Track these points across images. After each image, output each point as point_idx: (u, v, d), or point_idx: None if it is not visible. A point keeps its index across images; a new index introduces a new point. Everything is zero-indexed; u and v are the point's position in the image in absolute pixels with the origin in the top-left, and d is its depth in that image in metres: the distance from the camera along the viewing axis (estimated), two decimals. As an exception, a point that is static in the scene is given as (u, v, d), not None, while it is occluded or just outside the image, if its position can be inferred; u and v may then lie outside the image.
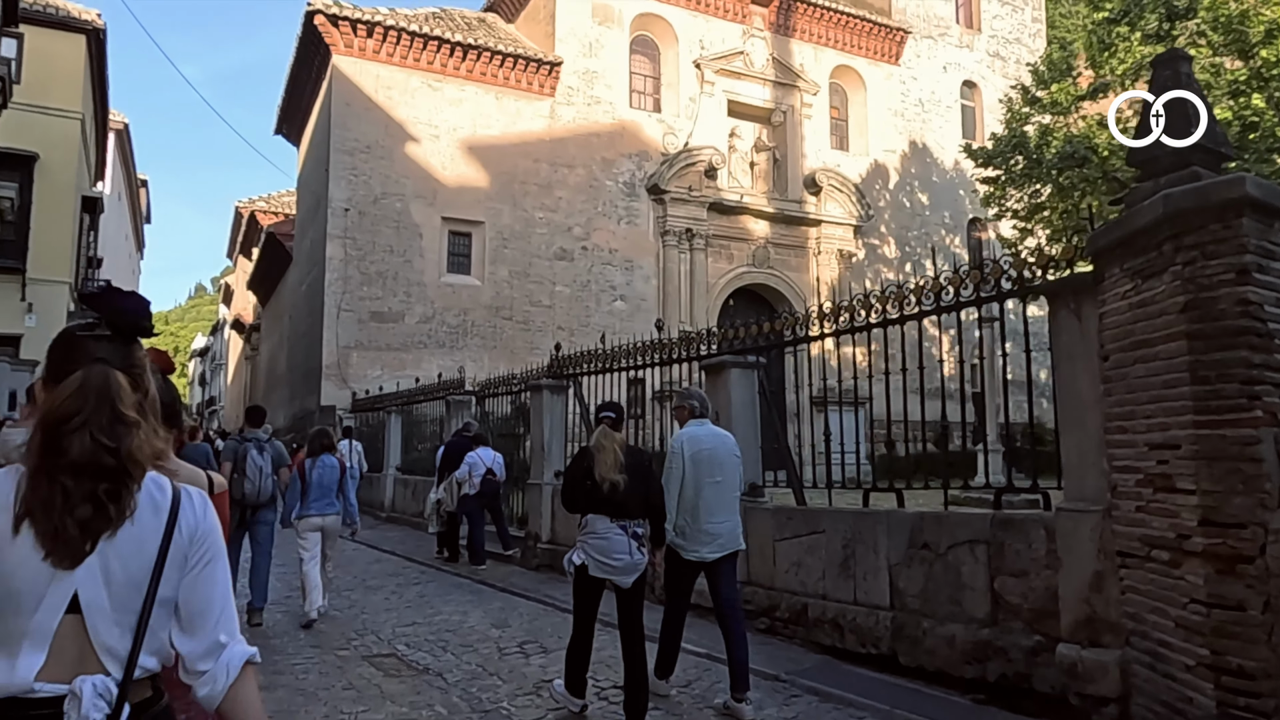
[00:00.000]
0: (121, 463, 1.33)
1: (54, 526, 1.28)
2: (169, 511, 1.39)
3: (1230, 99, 14.01)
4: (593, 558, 4.64)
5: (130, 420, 1.36)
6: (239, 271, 43.49)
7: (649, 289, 20.90)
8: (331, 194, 18.11)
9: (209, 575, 1.43)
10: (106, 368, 1.38)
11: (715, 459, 5.12)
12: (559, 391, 10.16)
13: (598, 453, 4.73)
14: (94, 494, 1.30)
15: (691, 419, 5.36)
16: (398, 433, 15.07)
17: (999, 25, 26.47)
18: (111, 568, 1.32)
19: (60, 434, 1.32)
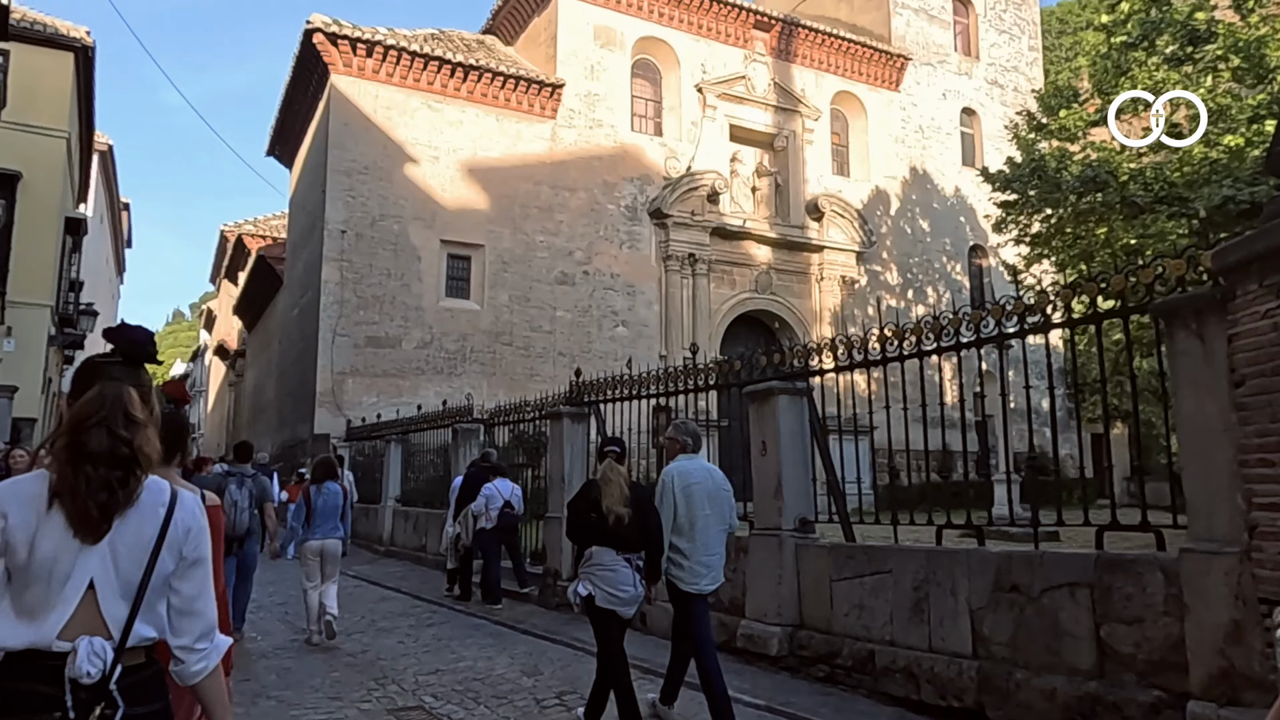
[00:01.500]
0: (133, 453, 1.65)
1: (80, 507, 1.59)
2: (166, 507, 1.71)
3: (1247, 125, 13.89)
4: (601, 589, 4.73)
5: (139, 420, 1.69)
6: (223, 296, 42.69)
7: (651, 314, 20.48)
8: (328, 216, 17.60)
9: (202, 570, 1.75)
10: (120, 382, 1.72)
11: (706, 493, 5.19)
12: (580, 419, 9.65)
13: (605, 485, 4.83)
14: (109, 480, 1.61)
15: (682, 453, 5.41)
16: (398, 462, 14.46)
17: (997, 53, 26.54)
18: (118, 552, 1.63)
19: (82, 430, 1.64)
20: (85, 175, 24.37)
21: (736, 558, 7.30)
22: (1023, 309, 5.34)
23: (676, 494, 5.12)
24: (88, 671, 1.55)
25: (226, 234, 36.14)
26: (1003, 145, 25.79)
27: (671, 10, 21.37)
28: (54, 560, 1.59)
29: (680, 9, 21.44)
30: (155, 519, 1.70)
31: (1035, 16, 27.69)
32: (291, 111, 21.05)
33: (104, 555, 1.63)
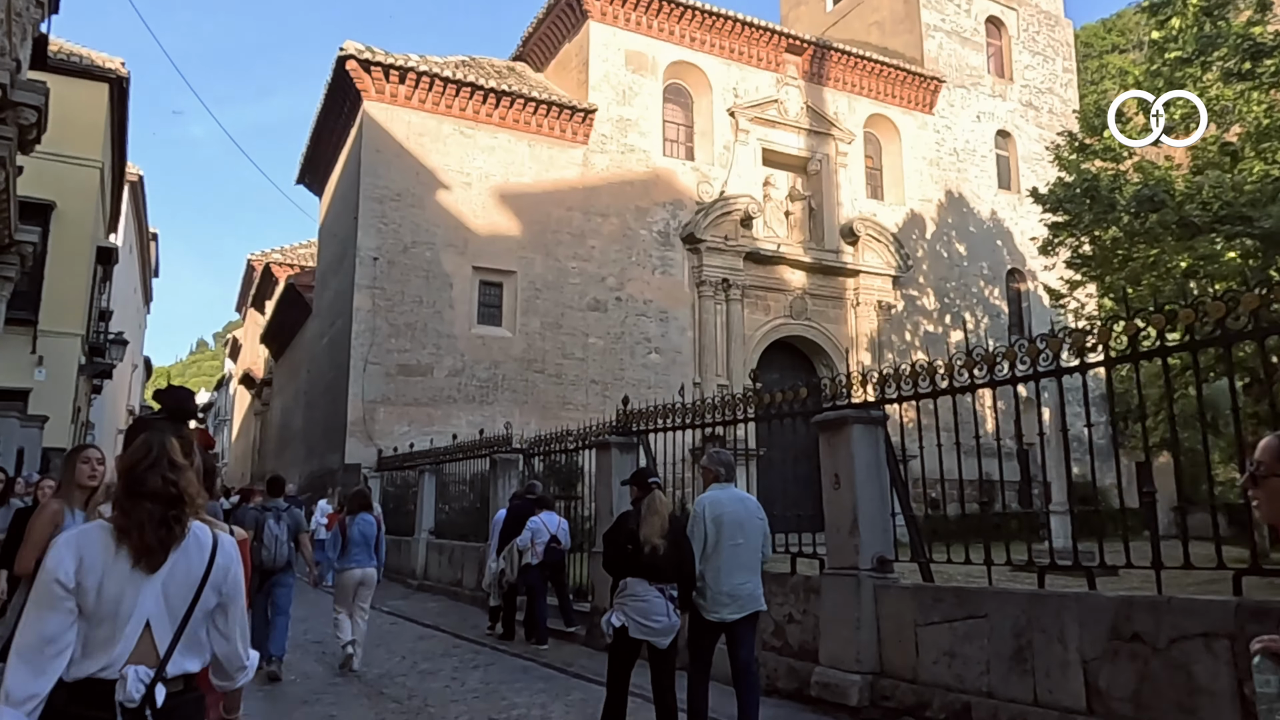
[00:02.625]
0: (181, 494, 1.94)
1: (144, 540, 1.87)
2: (210, 549, 1.99)
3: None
4: (634, 620, 4.78)
5: (182, 465, 1.99)
6: (249, 325, 42.78)
7: (684, 341, 20.10)
8: (360, 243, 17.42)
9: (237, 607, 2.04)
10: (162, 433, 2.03)
11: (737, 521, 5.22)
12: (629, 449, 9.23)
13: (650, 516, 4.89)
14: (166, 517, 1.91)
15: (715, 483, 5.45)
16: (432, 493, 14.08)
17: (1030, 75, 26.19)
18: (169, 590, 1.90)
19: (137, 473, 1.94)
20: (116, 205, 24.44)
21: (806, 599, 6.85)
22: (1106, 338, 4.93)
23: (708, 523, 5.15)
24: (133, 696, 1.80)
25: (254, 263, 36.24)
26: (1039, 168, 25.39)
27: (703, 35, 21.22)
28: (119, 600, 1.83)
29: (711, 33, 21.28)
30: (201, 560, 1.95)
31: (1069, 38, 27.36)
32: (322, 139, 20.99)
33: (158, 593, 1.88)
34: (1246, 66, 12.87)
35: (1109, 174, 14.45)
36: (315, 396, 21.41)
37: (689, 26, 21.03)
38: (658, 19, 20.69)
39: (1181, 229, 13.73)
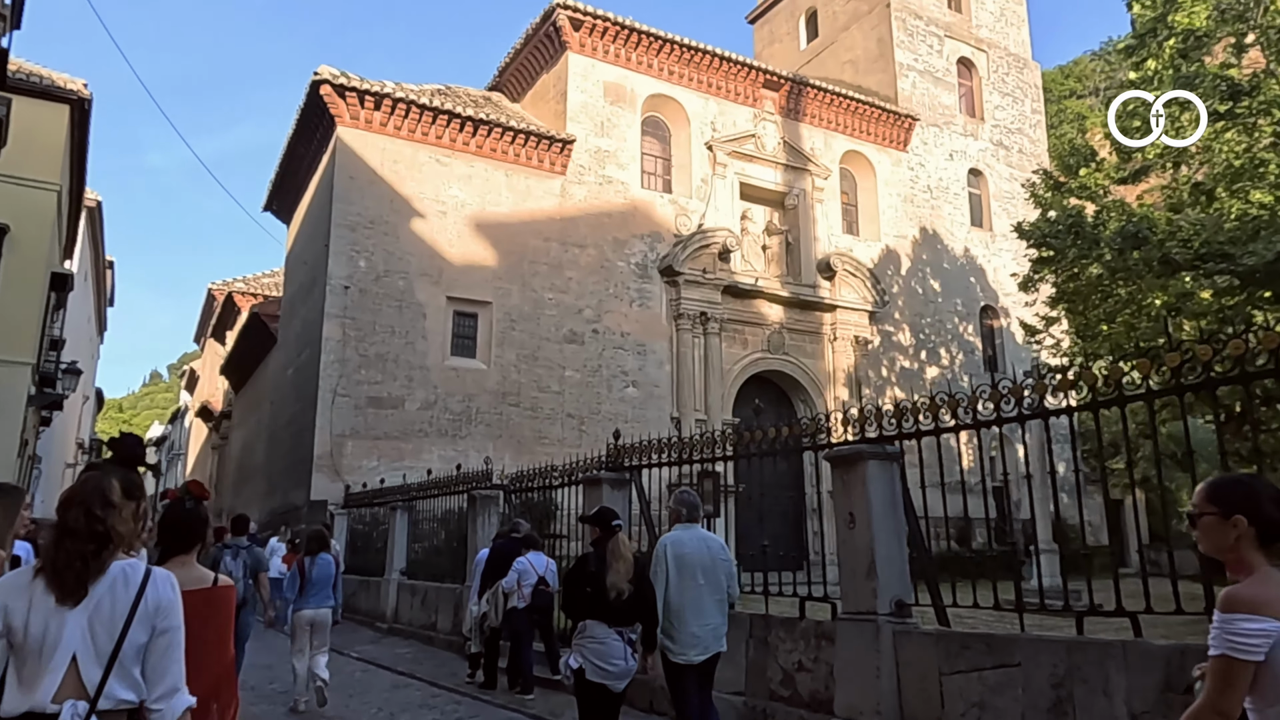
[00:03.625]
0: (106, 532, 2.05)
1: (59, 574, 1.99)
2: (140, 585, 2.05)
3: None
4: (591, 662, 4.74)
5: (115, 504, 2.10)
6: (208, 356, 41.65)
7: (662, 375, 19.78)
8: (331, 271, 16.90)
9: (171, 639, 2.06)
10: (102, 473, 2.17)
11: (698, 562, 5.22)
12: (620, 486, 8.82)
13: (615, 561, 4.84)
14: (84, 553, 2.01)
15: (678, 523, 5.46)
16: (404, 531, 13.47)
17: (1001, 115, 26.61)
18: (95, 627, 1.98)
19: (63, 511, 2.08)
20: (73, 231, 23.61)
21: (818, 645, 6.47)
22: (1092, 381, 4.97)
23: (669, 564, 5.15)
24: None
25: (215, 292, 35.31)
26: (1010, 206, 25.70)
27: (681, 68, 21.20)
28: (43, 634, 1.93)
29: (690, 67, 21.28)
30: (128, 595, 2.02)
31: (1037, 80, 27.92)
32: (293, 165, 20.50)
33: (84, 629, 1.96)
34: (1225, 107, 13.03)
35: (1093, 210, 14.51)
36: (279, 430, 20.66)
37: (667, 60, 21.01)
38: (636, 52, 20.65)
39: (1162, 266, 13.77)
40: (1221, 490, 2.27)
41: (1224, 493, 2.26)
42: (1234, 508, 2.21)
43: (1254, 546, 2.18)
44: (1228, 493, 2.25)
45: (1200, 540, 2.28)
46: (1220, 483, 2.30)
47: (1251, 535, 2.17)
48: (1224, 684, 2.03)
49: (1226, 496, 2.24)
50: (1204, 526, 2.25)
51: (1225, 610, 2.08)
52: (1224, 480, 2.32)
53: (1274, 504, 2.20)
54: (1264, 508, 2.19)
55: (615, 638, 4.77)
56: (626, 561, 4.86)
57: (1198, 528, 2.26)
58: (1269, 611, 2.04)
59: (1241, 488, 2.26)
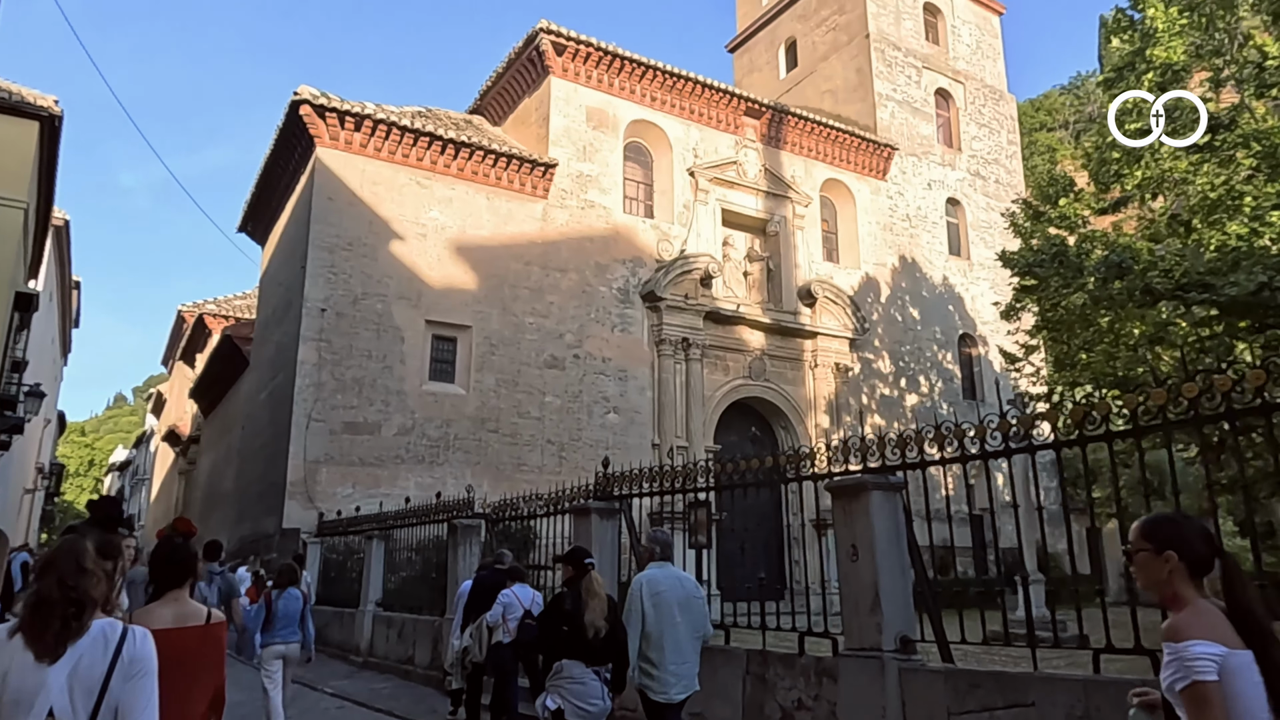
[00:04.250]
0: (81, 597, 2.15)
1: (36, 634, 2.08)
2: (116, 642, 2.16)
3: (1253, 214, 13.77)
4: (570, 703, 4.72)
5: (88, 569, 2.20)
6: (176, 379, 40.80)
7: (643, 400, 19.57)
8: (307, 293, 16.56)
9: (142, 684, 2.17)
10: (77, 536, 2.29)
11: (675, 600, 5.23)
12: (609, 516, 8.59)
13: (591, 599, 4.87)
14: (65, 615, 2.11)
15: (652, 561, 5.47)
16: (380, 561, 13.07)
17: (978, 146, 26.93)
18: (74, 687, 2.06)
19: (40, 579, 2.18)
20: (39, 249, 23.02)
21: (818, 683, 6.24)
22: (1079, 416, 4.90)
23: (645, 603, 5.14)
24: None
25: (185, 314, 34.63)
26: (987, 235, 25.94)
27: (664, 95, 21.23)
28: (20, 690, 2.03)
29: (672, 94, 21.31)
30: (106, 654, 2.14)
31: (1012, 112, 28.33)
32: (270, 185, 20.17)
33: (63, 686, 2.06)
34: (1205, 139, 13.18)
35: (1077, 238, 14.62)
36: (250, 455, 20.14)
37: (650, 86, 21.03)
38: (619, 77, 20.64)
39: (1144, 295, 13.84)
40: (1154, 528, 2.41)
41: (1156, 530, 2.40)
42: (1166, 544, 2.35)
43: (1185, 580, 2.32)
44: (1159, 530, 2.39)
45: (1137, 575, 2.44)
46: (1153, 521, 2.45)
47: (1183, 569, 2.31)
48: (1205, 708, 2.08)
49: (1158, 534, 2.38)
50: (1140, 562, 2.41)
51: (1174, 640, 2.20)
52: (1156, 518, 2.46)
53: (1201, 540, 2.35)
54: (1193, 544, 2.34)
55: (593, 677, 4.79)
56: (601, 600, 4.90)
57: (1134, 563, 2.43)
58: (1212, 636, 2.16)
59: (1172, 526, 2.41)
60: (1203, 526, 2.43)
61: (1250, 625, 2.20)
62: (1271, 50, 12.34)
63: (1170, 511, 2.72)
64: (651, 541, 5.64)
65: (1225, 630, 2.18)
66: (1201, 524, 2.45)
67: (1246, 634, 2.18)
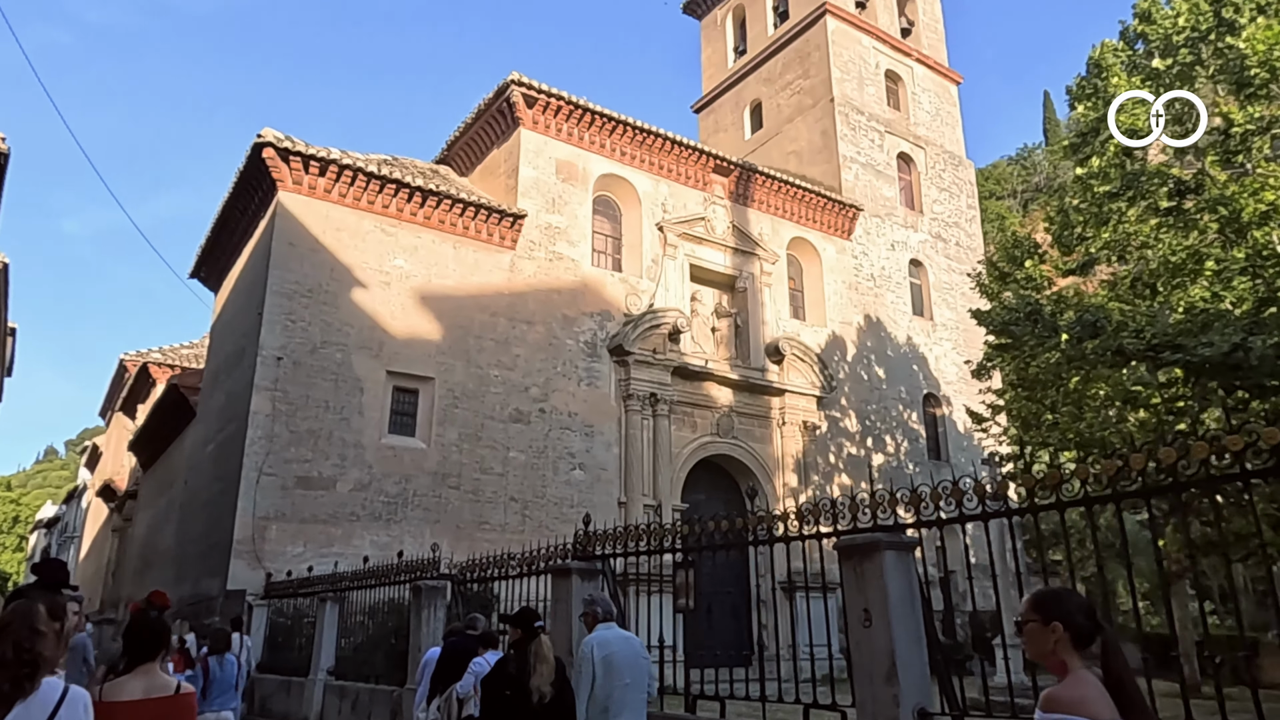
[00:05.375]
0: (34, 658, 2.28)
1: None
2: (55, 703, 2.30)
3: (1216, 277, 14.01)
4: None
5: (42, 631, 2.33)
6: (114, 431, 39.06)
7: (610, 457, 19.05)
8: (263, 341, 15.87)
9: None
10: (29, 600, 2.43)
11: (624, 662, 5.23)
12: (590, 576, 8.04)
13: (539, 664, 4.87)
14: (17, 675, 2.25)
15: (598, 624, 5.45)
16: (333, 626, 12.24)
17: (939, 209, 27.41)
18: None
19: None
20: (-24, 292, 21.95)
21: (829, 761, 5.77)
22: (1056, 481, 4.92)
23: (596, 665, 5.12)
24: None
25: (128, 363, 33.29)
26: (949, 297, 26.23)
27: (633, 150, 21.22)
28: None
29: (642, 149, 21.32)
30: (44, 713, 2.29)
31: (971, 177, 28.99)
32: (226, 230, 19.53)
33: None
34: (1171, 203, 13.41)
35: (1050, 298, 14.69)
36: (193, 511, 19.07)
37: (620, 141, 21.01)
38: (589, 131, 20.60)
39: (1115, 356, 13.89)
40: (1042, 601, 2.59)
41: (1044, 603, 2.58)
42: (1052, 615, 2.53)
43: (1070, 649, 2.50)
44: (1047, 603, 2.57)
45: (1026, 644, 2.62)
46: (1041, 594, 2.62)
47: (1067, 640, 2.50)
48: None
49: (1046, 606, 2.56)
50: (1029, 632, 2.59)
51: (1047, 710, 2.37)
52: (1044, 592, 2.63)
53: (1083, 613, 2.55)
54: (1075, 616, 2.52)
55: None
56: (549, 664, 4.87)
57: (1023, 634, 2.61)
58: (1084, 710, 2.33)
59: (1058, 599, 2.59)
60: (1086, 601, 2.61)
61: (1123, 695, 2.40)
62: (1237, 118, 12.66)
63: (1059, 587, 2.85)
64: (594, 603, 5.61)
65: (1101, 700, 2.36)
66: (1085, 599, 2.63)
67: (1121, 703, 2.37)
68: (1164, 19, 14.85)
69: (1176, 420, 14.75)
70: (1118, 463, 4.49)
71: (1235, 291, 13.83)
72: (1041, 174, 60.50)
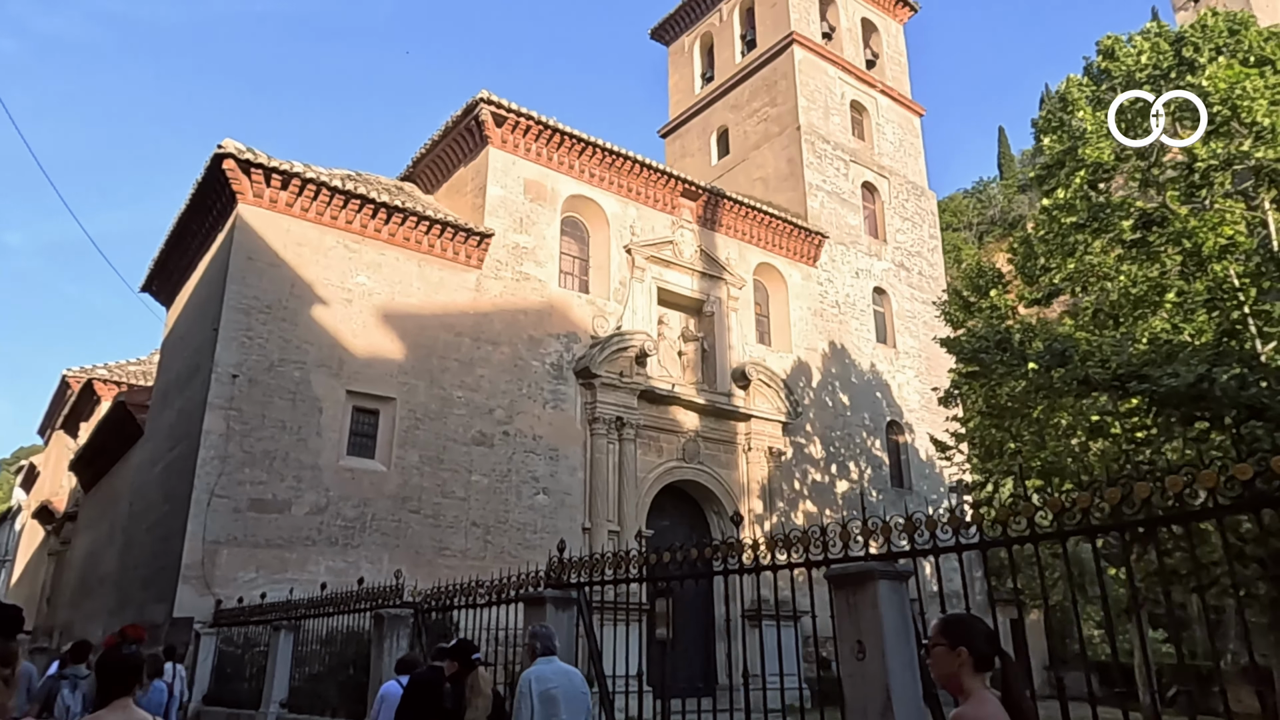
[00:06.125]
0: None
1: None
2: None
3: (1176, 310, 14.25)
4: None
5: None
6: (54, 450, 37.58)
7: (575, 481, 18.71)
8: (219, 357, 15.31)
9: None
10: None
11: (562, 696, 5.20)
12: (565, 606, 7.73)
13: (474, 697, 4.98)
14: None
15: (538, 657, 5.43)
16: (287, 655, 11.68)
17: (902, 238, 27.72)
18: None
19: None
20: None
21: (820, 802, 5.53)
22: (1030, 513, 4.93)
23: (535, 699, 5.10)
24: None
25: (71, 379, 32.04)
26: (912, 325, 26.47)
27: (602, 172, 21.10)
28: None
29: (611, 171, 21.21)
30: None
31: (933, 208, 29.41)
32: (182, 243, 18.91)
33: None
34: (1137, 235, 13.64)
35: (1019, 327, 14.81)
36: (138, 534, 18.27)
37: (589, 163, 20.89)
38: (558, 152, 20.44)
39: (1081, 386, 14.00)
40: (948, 626, 2.77)
41: (950, 629, 2.75)
42: (958, 640, 2.70)
43: (972, 673, 2.66)
44: (953, 629, 2.75)
45: (933, 667, 2.78)
46: (949, 620, 2.80)
47: (970, 664, 2.67)
48: None
49: (952, 631, 2.74)
50: (936, 655, 2.75)
51: None
52: (951, 618, 2.82)
53: (985, 639, 2.73)
54: (978, 641, 2.70)
55: None
56: (486, 698, 5.00)
57: (931, 656, 2.77)
58: None
59: (963, 625, 2.77)
60: (988, 628, 2.78)
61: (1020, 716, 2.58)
62: (1200, 153, 12.93)
63: (965, 614, 2.99)
64: (534, 637, 5.58)
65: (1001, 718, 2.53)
66: (987, 626, 2.80)
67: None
68: (1126, 56, 15.19)
69: (1137, 450, 14.93)
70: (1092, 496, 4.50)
71: (1195, 323, 14.08)
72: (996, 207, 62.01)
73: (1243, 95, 12.53)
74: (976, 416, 16.73)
